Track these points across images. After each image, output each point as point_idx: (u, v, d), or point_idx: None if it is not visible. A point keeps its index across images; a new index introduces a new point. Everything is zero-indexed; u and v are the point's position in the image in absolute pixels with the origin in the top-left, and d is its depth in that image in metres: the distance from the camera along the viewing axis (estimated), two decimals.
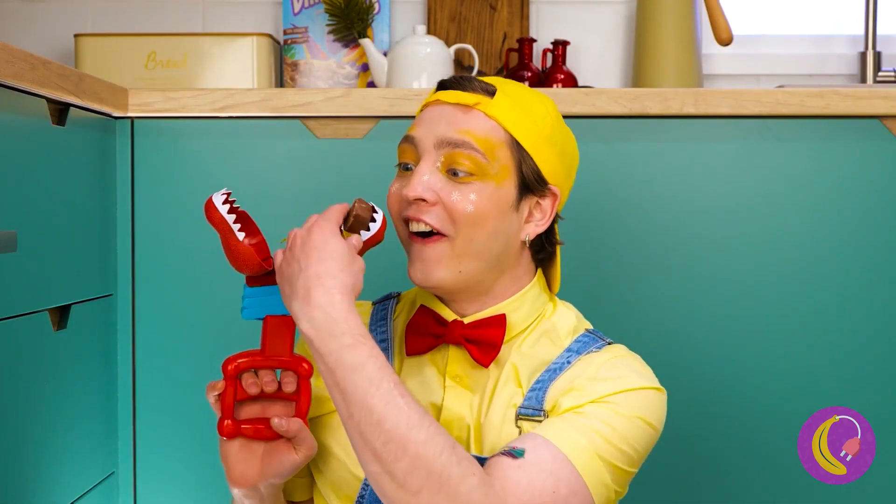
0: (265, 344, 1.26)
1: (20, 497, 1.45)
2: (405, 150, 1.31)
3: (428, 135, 1.29)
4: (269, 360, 1.26)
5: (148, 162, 1.82)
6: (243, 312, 1.27)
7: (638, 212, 1.82)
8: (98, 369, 1.75)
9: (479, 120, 1.29)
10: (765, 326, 1.82)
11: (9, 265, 1.40)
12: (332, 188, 1.82)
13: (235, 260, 1.23)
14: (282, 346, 1.26)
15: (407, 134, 1.31)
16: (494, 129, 1.29)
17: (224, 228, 1.22)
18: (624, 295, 1.82)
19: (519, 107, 1.32)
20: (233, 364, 1.25)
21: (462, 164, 1.27)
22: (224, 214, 1.21)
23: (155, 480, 1.83)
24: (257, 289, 1.26)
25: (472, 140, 1.27)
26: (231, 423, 1.25)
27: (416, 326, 1.34)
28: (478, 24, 2.41)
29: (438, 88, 1.34)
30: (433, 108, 1.31)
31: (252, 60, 2.23)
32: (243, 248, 1.22)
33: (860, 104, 1.80)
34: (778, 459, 1.81)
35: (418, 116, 1.33)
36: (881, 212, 1.82)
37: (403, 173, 1.32)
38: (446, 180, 1.28)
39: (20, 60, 1.41)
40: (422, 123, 1.31)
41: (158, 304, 1.82)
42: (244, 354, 1.26)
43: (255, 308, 1.26)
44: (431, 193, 1.27)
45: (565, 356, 1.31)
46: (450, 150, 1.27)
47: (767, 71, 2.46)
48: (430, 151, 1.28)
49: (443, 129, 1.28)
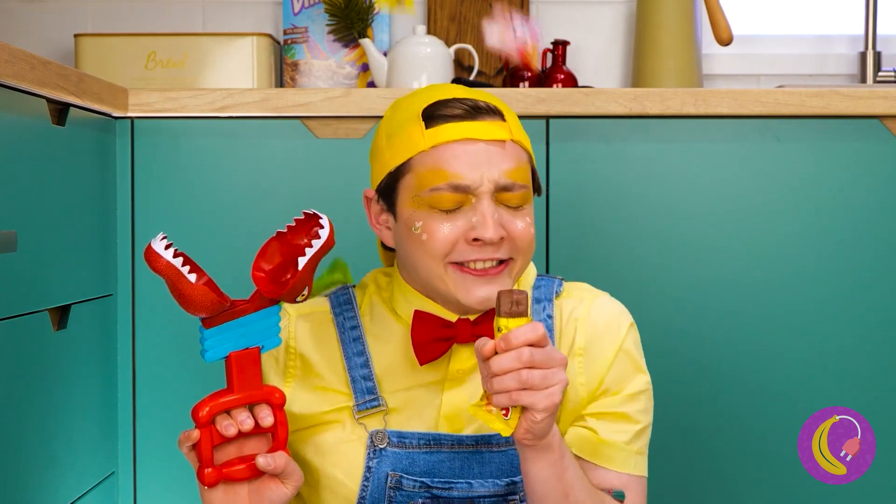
0: (233, 381, 1.21)
1: (20, 497, 1.45)
2: (453, 198, 1.28)
3: (482, 179, 1.27)
4: (242, 398, 1.22)
5: (148, 162, 1.82)
6: (206, 355, 1.21)
7: (638, 212, 1.82)
8: (98, 369, 1.75)
9: (514, 154, 1.30)
10: (765, 326, 1.82)
11: (9, 265, 1.40)
12: (332, 188, 1.82)
13: (191, 303, 1.17)
14: (251, 381, 1.22)
15: (458, 184, 1.27)
16: (521, 154, 1.31)
17: (172, 273, 1.15)
18: (624, 295, 1.81)
19: (513, 115, 1.35)
20: (204, 410, 1.20)
21: (516, 196, 1.29)
22: (170, 259, 1.15)
23: (155, 480, 1.83)
24: (216, 328, 1.20)
25: (521, 178, 1.29)
26: (213, 471, 1.21)
27: (421, 334, 1.32)
28: (478, 24, 2.41)
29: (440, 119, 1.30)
30: (466, 146, 1.28)
31: (252, 60, 2.23)
32: (198, 289, 1.16)
33: (860, 104, 1.80)
34: (778, 459, 1.81)
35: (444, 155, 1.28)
36: (881, 212, 1.82)
37: (452, 212, 1.28)
38: (504, 212, 1.29)
39: (20, 60, 1.41)
40: (465, 167, 1.28)
41: (158, 304, 1.82)
42: (213, 397, 1.21)
43: (218, 348, 1.20)
44: (503, 230, 1.28)
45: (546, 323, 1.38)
46: (505, 192, 1.29)
47: (767, 71, 2.46)
48: (487, 193, 1.28)
49: (495, 173, 1.28)
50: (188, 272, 1.15)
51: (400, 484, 1.31)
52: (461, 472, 1.32)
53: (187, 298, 1.16)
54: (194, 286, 1.16)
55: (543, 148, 1.82)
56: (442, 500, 1.32)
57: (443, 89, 1.33)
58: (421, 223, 1.28)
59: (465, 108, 1.29)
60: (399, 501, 1.31)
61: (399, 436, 1.32)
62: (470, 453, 1.32)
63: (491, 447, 1.33)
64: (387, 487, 1.31)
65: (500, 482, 1.32)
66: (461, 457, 1.32)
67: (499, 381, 1.15)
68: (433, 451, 1.32)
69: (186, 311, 1.18)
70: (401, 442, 1.32)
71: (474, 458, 1.32)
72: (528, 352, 1.15)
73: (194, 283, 1.16)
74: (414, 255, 1.30)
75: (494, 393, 1.16)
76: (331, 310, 1.39)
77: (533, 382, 1.15)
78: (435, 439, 1.32)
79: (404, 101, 1.35)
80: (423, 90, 1.35)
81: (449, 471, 1.32)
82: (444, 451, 1.32)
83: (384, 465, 1.32)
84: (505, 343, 1.15)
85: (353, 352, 1.36)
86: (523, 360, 1.14)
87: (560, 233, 1.82)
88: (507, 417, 1.16)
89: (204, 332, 1.20)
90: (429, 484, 1.31)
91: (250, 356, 1.22)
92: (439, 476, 1.32)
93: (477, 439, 1.32)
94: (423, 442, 1.32)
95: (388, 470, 1.31)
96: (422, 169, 1.28)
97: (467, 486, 1.32)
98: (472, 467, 1.32)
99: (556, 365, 1.16)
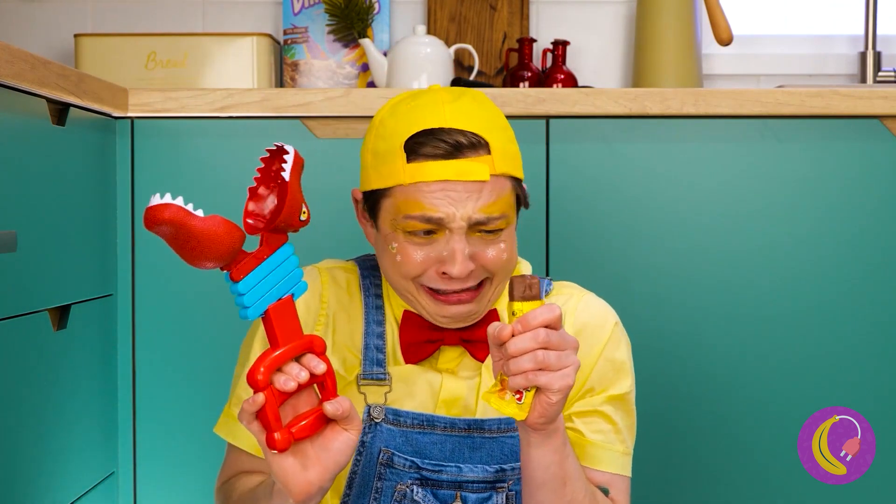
0: (276, 336, 1.18)
1: (20, 497, 1.45)
2: (425, 227, 1.28)
3: (456, 215, 1.27)
4: (289, 351, 1.18)
5: (148, 162, 1.82)
6: (248, 313, 1.16)
7: (637, 211, 1.82)
8: (98, 369, 1.75)
9: (496, 188, 1.29)
10: (765, 326, 1.82)
11: (9, 265, 1.40)
12: (332, 188, 1.82)
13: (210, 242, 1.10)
14: (293, 332, 1.19)
15: (430, 216, 1.27)
16: (504, 186, 1.30)
17: (179, 217, 1.08)
18: (623, 295, 1.82)
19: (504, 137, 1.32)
20: (260, 372, 1.15)
21: (492, 226, 1.29)
22: (171, 201, 1.08)
23: (155, 480, 1.83)
24: (247, 279, 1.16)
25: (498, 210, 1.29)
26: (283, 433, 1.16)
27: (410, 335, 1.35)
28: (478, 24, 2.41)
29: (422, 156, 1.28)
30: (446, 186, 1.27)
31: (252, 60, 2.23)
32: (213, 220, 1.11)
33: (860, 104, 1.80)
34: (778, 459, 1.81)
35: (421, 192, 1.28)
36: (881, 211, 1.82)
37: (424, 241, 1.29)
38: (478, 240, 1.29)
39: (20, 60, 1.41)
40: (441, 203, 1.27)
41: (158, 304, 1.82)
42: (263, 358, 1.17)
43: (258, 303, 1.17)
44: (472, 263, 1.28)
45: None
46: (479, 225, 1.28)
47: (767, 71, 2.46)
48: (459, 228, 1.28)
49: (469, 209, 1.27)
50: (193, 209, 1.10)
51: (391, 461, 1.33)
52: (452, 456, 1.34)
53: (205, 235, 1.10)
54: (207, 219, 1.10)
55: (543, 148, 1.82)
56: (431, 482, 1.34)
57: (432, 110, 1.30)
58: (396, 245, 1.30)
59: (446, 148, 1.28)
60: (389, 479, 1.33)
61: (395, 413, 1.34)
62: (462, 437, 1.34)
63: (483, 433, 1.34)
64: (378, 463, 1.33)
65: (490, 468, 1.34)
66: (453, 440, 1.34)
67: (515, 363, 1.16)
68: (426, 431, 1.34)
69: (206, 256, 1.11)
70: (395, 419, 1.34)
71: (466, 443, 1.34)
72: (544, 332, 1.16)
73: (205, 218, 1.10)
74: (389, 270, 1.33)
75: (511, 375, 1.16)
76: (359, 272, 1.41)
77: (549, 363, 1.15)
78: (428, 420, 1.34)
79: (392, 118, 1.33)
80: (411, 108, 1.32)
81: (440, 453, 1.34)
82: (437, 433, 1.34)
83: (378, 441, 1.33)
84: (522, 325, 1.16)
85: (374, 319, 1.38)
86: (539, 341, 1.15)
87: (560, 233, 1.82)
88: (521, 402, 1.17)
89: (238, 288, 1.15)
90: (419, 464, 1.33)
91: (285, 307, 1.19)
92: (430, 458, 1.34)
93: (469, 423, 1.34)
94: (416, 422, 1.34)
95: (381, 446, 1.33)
96: (401, 198, 1.29)
97: (457, 471, 1.34)
98: (463, 452, 1.34)
99: (570, 347, 1.18)
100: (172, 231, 1.09)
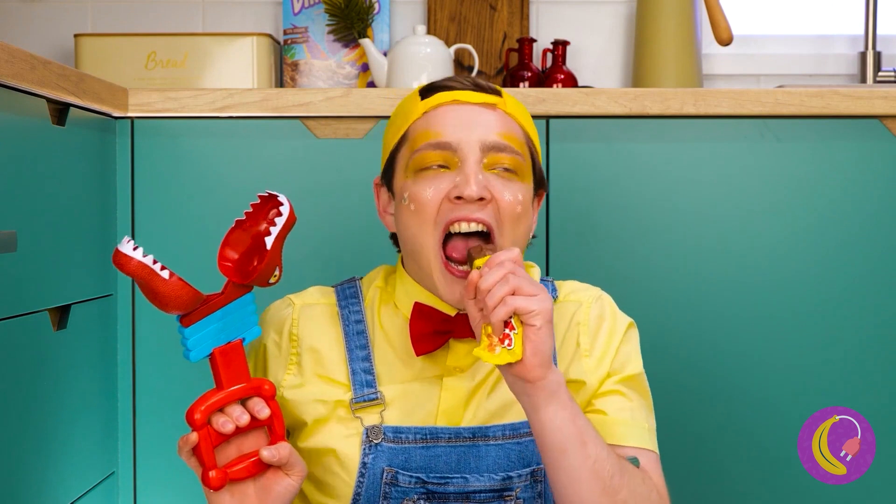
0: (221, 378, 1.20)
1: (20, 497, 1.45)
2: (436, 155, 1.29)
3: (468, 138, 1.28)
4: (233, 394, 1.21)
5: (148, 162, 1.82)
6: (190, 356, 1.19)
7: (638, 212, 1.82)
8: (98, 369, 1.75)
9: (507, 121, 1.31)
10: (765, 326, 1.82)
11: (9, 265, 1.40)
12: (332, 188, 1.82)
13: (168, 299, 1.15)
14: (239, 375, 1.21)
15: (439, 140, 1.29)
16: (515, 127, 1.32)
17: (145, 272, 1.13)
18: (623, 294, 1.82)
19: (521, 107, 1.36)
20: (198, 411, 1.18)
21: (505, 163, 1.29)
22: (140, 259, 1.13)
23: (155, 480, 1.83)
24: (195, 325, 1.19)
25: (513, 143, 1.30)
26: (218, 473, 1.19)
27: (420, 326, 1.33)
28: (478, 24, 2.41)
29: (436, 90, 1.34)
30: (453, 108, 1.31)
31: (252, 60, 2.23)
32: (173, 284, 1.15)
33: (860, 104, 1.80)
34: (778, 459, 1.81)
35: (434, 117, 1.31)
36: (881, 212, 1.82)
37: (436, 175, 1.29)
38: (494, 178, 1.29)
39: (20, 60, 1.41)
40: (451, 126, 1.30)
41: None
42: (205, 398, 1.20)
43: (201, 346, 1.19)
44: (488, 192, 1.28)
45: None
46: (494, 153, 1.28)
47: (767, 71, 2.46)
48: (472, 153, 1.28)
49: (482, 133, 1.29)
50: (160, 269, 1.14)
51: (396, 479, 1.31)
52: (457, 467, 1.32)
53: (163, 295, 1.15)
54: (168, 282, 1.15)
55: (543, 148, 1.82)
56: (437, 496, 1.32)
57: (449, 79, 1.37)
58: (408, 193, 1.30)
59: (462, 82, 1.33)
60: (395, 497, 1.32)
61: (395, 431, 1.32)
62: (467, 447, 1.33)
63: (488, 440, 1.33)
64: (382, 483, 1.31)
65: (496, 476, 1.33)
66: (458, 451, 1.32)
67: (490, 295, 1.18)
68: (430, 445, 1.32)
69: (162, 309, 1.17)
70: (396, 437, 1.32)
71: (471, 453, 1.33)
72: (510, 263, 1.19)
73: (168, 279, 1.15)
74: (407, 230, 1.31)
75: (490, 311, 1.18)
76: (337, 302, 1.40)
77: (520, 284, 1.18)
78: (432, 433, 1.32)
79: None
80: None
81: (445, 465, 1.32)
82: (441, 445, 1.32)
83: (380, 461, 1.32)
84: (488, 264, 1.20)
85: (356, 345, 1.36)
86: (507, 268, 1.19)
87: (560, 233, 1.82)
88: (512, 347, 1.18)
89: (185, 332, 1.19)
90: (424, 479, 1.32)
91: (234, 350, 1.21)
92: (435, 471, 1.32)
93: (474, 432, 1.33)
94: (419, 437, 1.32)
95: (384, 465, 1.31)
96: (413, 134, 1.32)
97: (463, 481, 1.32)
98: (469, 461, 1.32)
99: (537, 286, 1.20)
100: (136, 280, 1.15)
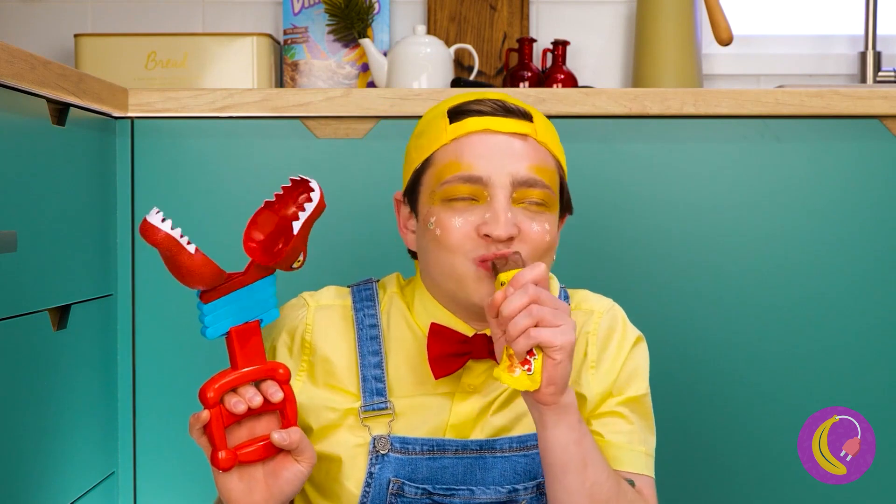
0: (236, 358, 1.20)
1: (20, 497, 1.45)
2: (466, 189, 1.27)
3: (499, 172, 1.26)
4: (247, 374, 1.19)
5: (148, 162, 1.82)
6: (207, 332, 1.18)
7: (638, 212, 1.82)
8: (98, 369, 1.75)
9: (539, 152, 1.29)
10: (765, 326, 1.82)
11: (9, 265, 1.40)
12: (332, 188, 1.82)
13: (191, 275, 1.14)
14: (255, 355, 1.20)
15: (470, 174, 1.26)
16: (548, 158, 1.30)
17: (172, 245, 1.12)
18: (624, 295, 1.82)
19: (551, 129, 1.34)
20: (211, 389, 1.17)
21: (535, 198, 1.28)
22: (168, 231, 1.12)
23: (155, 480, 1.83)
24: (215, 303, 1.18)
25: (544, 177, 1.28)
26: (227, 453, 1.18)
27: (437, 347, 1.30)
28: (478, 24, 2.41)
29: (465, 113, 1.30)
30: (484, 138, 1.28)
31: (252, 60, 2.23)
32: (198, 258, 1.14)
33: (860, 104, 1.80)
34: (778, 459, 1.81)
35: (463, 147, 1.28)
36: (881, 212, 1.82)
37: (465, 207, 1.27)
38: (522, 212, 1.27)
39: (20, 60, 1.41)
40: (482, 158, 1.27)
41: (158, 304, 1.82)
42: (219, 377, 1.19)
43: (218, 323, 1.19)
44: (516, 229, 1.26)
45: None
46: (525, 188, 1.27)
47: (767, 71, 2.46)
48: (503, 189, 1.26)
49: (513, 167, 1.26)
50: (186, 243, 1.13)
51: (402, 490, 1.30)
52: (464, 479, 1.31)
53: (187, 269, 1.14)
54: (193, 256, 1.13)
55: None
56: None
57: (479, 94, 1.33)
58: (434, 218, 1.28)
59: (492, 106, 1.29)
60: None
61: (402, 441, 1.31)
62: (474, 459, 1.31)
63: (495, 452, 1.32)
64: (388, 493, 1.30)
65: (503, 489, 1.31)
66: (464, 463, 1.31)
67: (513, 325, 1.16)
68: (437, 457, 1.31)
69: (185, 283, 1.16)
70: (404, 448, 1.31)
71: (478, 465, 1.31)
72: (533, 287, 1.16)
73: (193, 254, 1.13)
74: (430, 254, 1.29)
75: (512, 340, 1.16)
76: (352, 304, 1.38)
77: (544, 315, 1.16)
78: (439, 445, 1.31)
79: (439, 103, 1.36)
80: (459, 94, 1.35)
81: (451, 477, 1.31)
82: (448, 456, 1.31)
83: (386, 471, 1.30)
84: (513, 285, 1.17)
85: (369, 350, 1.34)
86: (531, 294, 1.16)
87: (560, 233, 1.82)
88: (531, 372, 1.17)
89: (203, 308, 1.18)
90: (430, 490, 1.30)
91: (251, 331, 1.20)
92: (442, 483, 1.31)
93: (482, 444, 1.31)
94: (426, 448, 1.31)
95: (391, 476, 1.30)
96: (441, 162, 1.28)
97: (469, 493, 1.31)
98: (475, 473, 1.31)
99: (562, 307, 1.18)
100: (162, 252, 1.13)
